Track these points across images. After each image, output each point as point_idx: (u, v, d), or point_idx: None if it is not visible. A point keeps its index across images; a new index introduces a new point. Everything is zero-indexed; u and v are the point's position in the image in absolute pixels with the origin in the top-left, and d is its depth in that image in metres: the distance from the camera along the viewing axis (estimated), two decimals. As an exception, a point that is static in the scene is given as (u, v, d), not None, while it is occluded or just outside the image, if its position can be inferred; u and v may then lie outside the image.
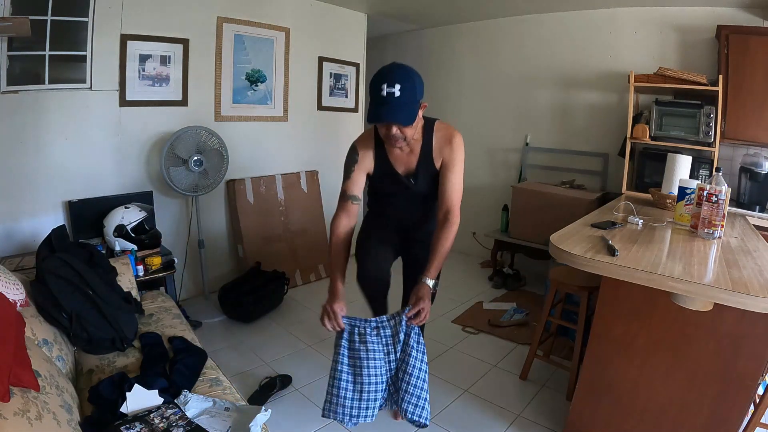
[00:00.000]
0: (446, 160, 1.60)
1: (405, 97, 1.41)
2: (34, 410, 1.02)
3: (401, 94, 1.40)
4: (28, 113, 2.36)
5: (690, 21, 3.09)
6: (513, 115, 4.05)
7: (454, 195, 1.60)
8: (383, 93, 1.40)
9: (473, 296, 3.41)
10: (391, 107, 1.41)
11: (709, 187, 1.72)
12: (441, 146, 1.61)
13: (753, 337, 1.43)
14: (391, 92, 1.39)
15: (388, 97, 1.39)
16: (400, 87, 1.39)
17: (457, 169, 1.60)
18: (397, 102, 1.40)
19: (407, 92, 1.41)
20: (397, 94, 1.39)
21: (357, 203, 1.67)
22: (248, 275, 3.07)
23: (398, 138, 1.50)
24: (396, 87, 1.39)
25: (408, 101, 1.42)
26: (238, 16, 3.12)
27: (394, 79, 1.40)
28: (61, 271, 1.61)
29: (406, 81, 1.41)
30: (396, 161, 1.66)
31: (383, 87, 1.40)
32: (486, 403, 2.15)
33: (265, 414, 1.31)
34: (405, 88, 1.41)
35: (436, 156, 1.62)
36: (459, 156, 1.60)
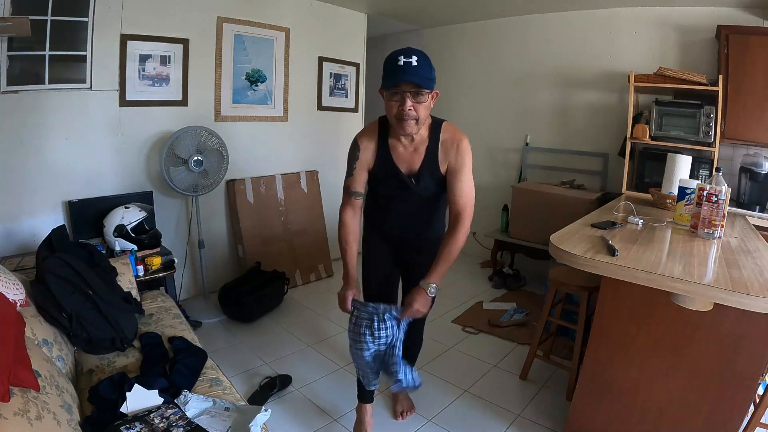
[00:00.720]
0: (453, 165, 1.54)
1: (422, 68, 1.38)
2: (34, 410, 1.02)
3: (418, 64, 1.37)
4: (28, 113, 2.36)
5: (690, 21, 3.09)
6: (513, 115, 4.05)
7: (464, 198, 1.54)
8: (400, 62, 1.36)
9: (473, 296, 3.41)
10: (409, 72, 1.36)
11: (709, 187, 1.72)
12: (447, 149, 1.54)
13: (753, 337, 1.43)
14: (408, 61, 1.36)
15: (405, 65, 1.36)
16: (417, 59, 1.37)
17: (466, 173, 1.54)
18: (415, 69, 1.36)
19: (424, 65, 1.39)
20: (414, 64, 1.36)
21: (360, 198, 1.67)
22: (248, 275, 3.07)
23: (410, 117, 1.42)
24: (413, 58, 1.36)
25: (425, 73, 1.39)
26: (238, 16, 3.12)
27: (410, 52, 1.38)
28: (61, 271, 1.61)
29: (422, 57, 1.39)
30: (399, 159, 1.59)
31: (400, 58, 1.36)
32: (486, 403, 2.15)
33: (265, 414, 1.31)
34: (422, 62, 1.38)
35: (441, 159, 1.55)
36: (467, 160, 1.54)
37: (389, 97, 1.43)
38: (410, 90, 1.39)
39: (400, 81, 1.38)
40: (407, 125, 1.44)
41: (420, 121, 1.45)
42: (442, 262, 1.52)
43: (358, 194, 1.65)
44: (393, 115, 1.45)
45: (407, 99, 1.40)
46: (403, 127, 1.44)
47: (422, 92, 1.40)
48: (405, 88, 1.39)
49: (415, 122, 1.44)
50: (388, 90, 1.42)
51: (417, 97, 1.41)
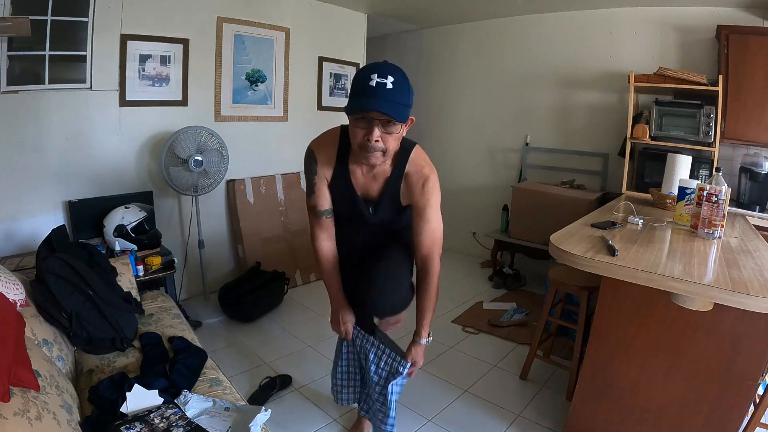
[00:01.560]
0: (417, 203, 1.38)
1: (398, 92, 1.17)
2: (34, 410, 1.02)
3: (394, 87, 1.15)
4: (28, 113, 2.36)
5: (690, 21, 3.09)
6: (513, 115, 4.05)
7: (430, 239, 1.41)
8: (372, 83, 1.14)
9: (473, 296, 3.41)
10: (382, 97, 1.15)
11: (709, 187, 1.72)
12: (411, 185, 1.37)
13: (753, 337, 1.43)
14: (382, 83, 1.14)
15: (378, 87, 1.14)
16: (393, 80, 1.15)
17: (433, 212, 1.39)
18: (389, 94, 1.15)
19: (400, 89, 1.17)
20: (390, 86, 1.15)
21: (330, 216, 1.50)
22: (248, 275, 3.07)
23: (377, 149, 1.23)
24: (388, 79, 1.15)
25: (400, 99, 1.18)
26: (238, 16, 3.12)
27: (386, 70, 1.17)
28: (61, 271, 1.61)
29: (399, 77, 1.18)
30: (357, 182, 1.41)
31: (372, 77, 1.15)
32: (486, 403, 2.15)
33: (265, 414, 1.31)
34: (398, 84, 1.16)
35: (403, 193, 1.39)
36: (434, 198, 1.38)
37: (354, 122, 1.23)
38: (380, 118, 1.19)
39: (369, 109, 1.16)
40: (372, 157, 1.25)
41: (388, 153, 1.27)
42: (427, 313, 1.50)
43: (326, 213, 1.48)
44: (357, 143, 1.26)
45: (375, 128, 1.20)
46: (366, 158, 1.26)
47: (394, 122, 1.21)
48: (374, 116, 1.19)
49: (382, 154, 1.26)
50: (353, 113, 1.21)
51: (387, 127, 1.21)
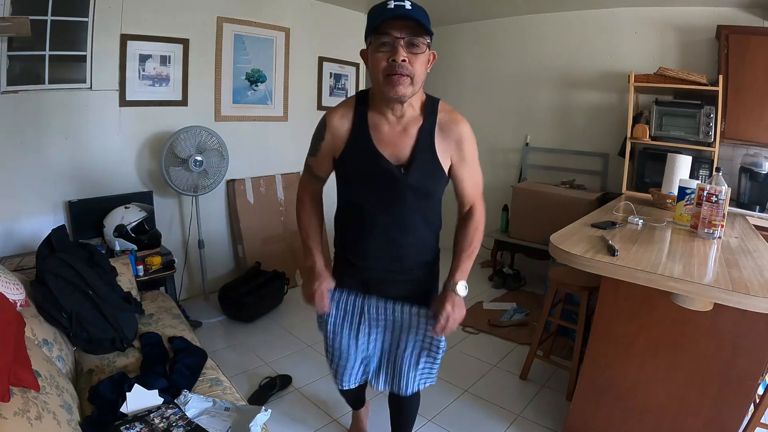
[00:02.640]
0: (458, 158, 1.22)
1: (418, 12, 1.07)
2: (34, 410, 1.02)
3: (413, 8, 1.06)
4: (28, 113, 2.36)
5: (690, 21, 3.09)
6: (513, 115, 4.05)
7: (477, 189, 1.29)
8: (390, 5, 1.05)
9: (473, 296, 3.41)
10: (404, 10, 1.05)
11: (709, 187, 1.72)
12: (446, 134, 1.20)
13: (753, 337, 1.43)
14: (401, 4, 1.05)
15: (396, 8, 1.04)
16: (410, 3, 1.06)
17: (474, 163, 1.26)
18: (410, 12, 1.05)
19: (420, 11, 1.08)
20: (409, 7, 1.05)
21: (321, 184, 1.37)
22: (248, 275, 3.07)
23: (404, 72, 1.07)
24: (407, 1, 1.06)
25: (423, 18, 1.07)
26: (238, 16, 3.12)
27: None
28: (61, 271, 1.61)
29: (417, 5, 1.09)
30: (381, 141, 1.18)
31: (390, 2, 1.06)
32: (486, 403, 2.15)
33: (265, 414, 1.31)
34: (417, 8, 1.07)
35: (440, 145, 1.19)
36: (473, 148, 1.25)
37: (375, 48, 1.09)
38: (404, 36, 1.06)
39: (392, 17, 1.04)
40: (400, 84, 1.07)
41: (415, 81, 1.10)
42: (466, 257, 1.26)
43: (320, 179, 1.34)
44: (380, 70, 1.09)
45: (400, 48, 1.06)
46: (393, 85, 1.08)
47: (419, 41, 1.07)
48: (397, 33, 1.06)
49: (410, 81, 1.09)
50: (375, 35, 1.07)
51: (412, 48, 1.07)
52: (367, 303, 1.32)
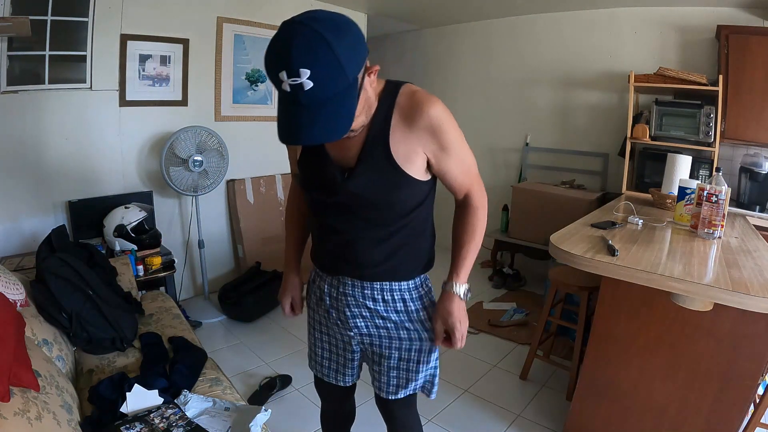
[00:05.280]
0: (436, 150, 0.95)
1: (324, 88, 0.74)
2: (34, 410, 1.02)
3: (316, 84, 0.73)
4: (28, 113, 2.36)
5: (690, 21, 3.09)
6: (513, 115, 4.05)
7: (469, 175, 1.04)
8: (285, 86, 0.75)
9: (473, 296, 3.41)
10: (304, 113, 0.77)
11: (709, 187, 1.72)
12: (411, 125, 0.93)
13: (753, 337, 1.43)
14: (296, 84, 0.73)
15: (294, 92, 0.74)
16: (310, 73, 0.72)
17: (459, 147, 0.98)
18: (312, 100, 0.75)
19: (326, 77, 0.74)
20: (309, 86, 0.73)
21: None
22: (248, 275, 3.07)
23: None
24: (303, 73, 0.72)
25: (331, 93, 0.76)
26: (238, 16, 3.12)
27: (295, 58, 0.72)
28: (61, 271, 1.61)
29: (317, 55, 0.72)
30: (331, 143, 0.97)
31: (282, 77, 0.74)
32: (486, 403, 2.15)
33: (265, 414, 1.31)
34: (320, 72, 0.73)
35: (402, 142, 0.93)
36: (453, 130, 0.96)
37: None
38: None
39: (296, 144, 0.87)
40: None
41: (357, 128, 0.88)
42: (466, 252, 1.05)
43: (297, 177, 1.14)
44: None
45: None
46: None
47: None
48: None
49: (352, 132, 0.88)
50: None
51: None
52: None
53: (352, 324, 1.11)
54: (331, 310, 1.13)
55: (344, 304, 1.10)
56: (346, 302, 1.10)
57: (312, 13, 0.76)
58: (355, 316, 1.10)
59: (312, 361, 1.30)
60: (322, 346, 1.25)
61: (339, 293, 1.10)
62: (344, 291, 1.09)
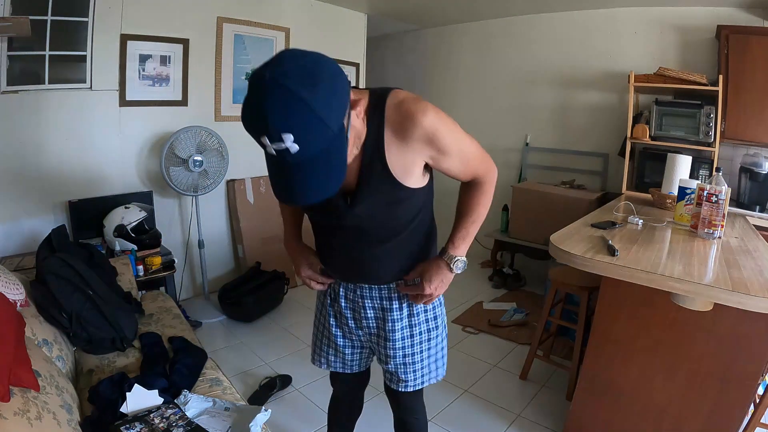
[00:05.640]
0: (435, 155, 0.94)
1: (310, 146, 0.72)
2: (34, 410, 1.02)
3: (301, 146, 0.71)
4: (28, 113, 2.36)
5: (690, 21, 3.09)
6: (513, 115, 4.05)
7: (473, 163, 1.05)
8: (270, 150, 0.73)
9: (473, 296, 3.41)
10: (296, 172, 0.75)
11: (709, 187, 1.72)
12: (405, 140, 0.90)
13: (753, 337, 1.43)
14: (282, 149, 0.71)
15: (280, 156, 0.72)
16: (293, 137, 0.69)
17: (460, 144, 0.98)
18: (300, 159, 0.73)
19: (310, 137, 0.71)
20: (295, 149, 0.71)
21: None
22: (248, 275, 3.07)
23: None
24: (286, 138, 0.69)
25: (319, 149, 0.73)
26: (238, 16, 3.12)
27: (273, 123, 0.69)
28: (61, 271, 1.61)
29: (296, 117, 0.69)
30: None
31: (264, 142, 0.72)
32: (486, 403, 2.15)
33: (265, 414, 1.31)
34: (303, 134, 0.70)
35: (399, 157, 0.92)
36: (450, 131, 0.94)
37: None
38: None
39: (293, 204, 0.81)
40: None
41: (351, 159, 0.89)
42: (468, 220, 1.05)
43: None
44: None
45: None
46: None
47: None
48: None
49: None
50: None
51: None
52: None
53: (365, 323, 1.18)
54: (346, 311, 1.19)
55: (360, 306, 1.16)
56: (362, 304, 1.15)
57: (280, 65, 0.71)
58: (368, 317, 1.16)
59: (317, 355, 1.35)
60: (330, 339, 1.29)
61: (356, 295, 1.16)
62: (361, 294, 1.14)
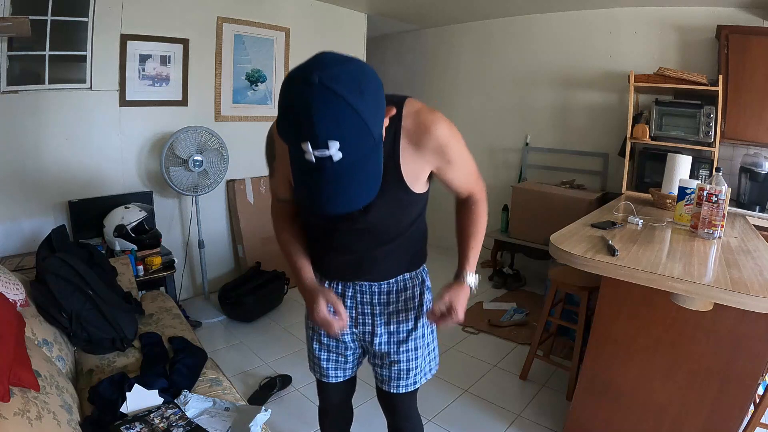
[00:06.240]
0: (443, 164, 0.97)
1: (352, 154, 0.69)
2: (34, 410, 1.02)
3: (345, 153, 0.68)
4: (28, 113, 2.36)
5: (690, 21, 3.09)
6: (513, 115, 4.05)
7: (471, 179, 1.07)
8: (309, 157, 0.68)
9: (473, 296, 3.39)
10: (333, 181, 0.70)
11: (709, 187, 1.72)
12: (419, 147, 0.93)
13: (753, 337, 1.43)
14: (324, 156, 0.67)
15: (320, 162, 0.68)
16: (339, 144, 0.66)
17: (464, 158, 1.00)
18: (340, 167, 0.69)
19: (355, 144, 0.68)
20: (338, 157, 0.67)
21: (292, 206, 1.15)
22: (248, 275, 3.07)
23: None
24: (332, 145, 0.66)
25: (359, 156, 0.70)
26: (238, 16, 3.12)
27: (321, 130, 0.65)
28: (61, 271, 1.61)
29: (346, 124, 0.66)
30: None
31: (306, 148, 0.67)
32: (486, 403, 2.15)
33: (265, 414, 1.31)
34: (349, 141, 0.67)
35: (411, 162, 0.94)
36: (458, 143, 0.96)
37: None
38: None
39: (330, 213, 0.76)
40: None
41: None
42: (473, 241, 1.11)
43: (286, 200, 1.13)
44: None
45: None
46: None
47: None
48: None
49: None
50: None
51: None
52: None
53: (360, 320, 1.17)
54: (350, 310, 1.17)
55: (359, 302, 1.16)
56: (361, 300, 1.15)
57: (328, 68, 0.67)
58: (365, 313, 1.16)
59: (312, 363, 1.31)
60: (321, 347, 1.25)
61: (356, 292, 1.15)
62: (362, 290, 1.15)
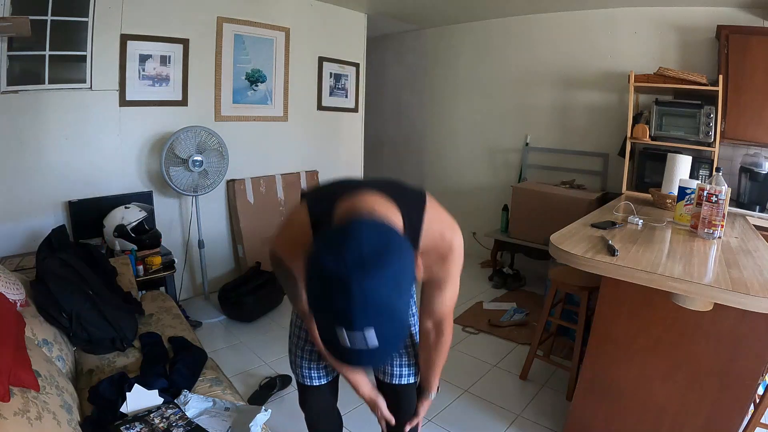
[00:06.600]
0: (437, 277, 0.99)
1: (390, 336, 0.69)
2: (34, 410, 1.02)
3: (381, 340, 0.66)
4: (28, 113, 2.36)
5: (690, 21, 3.09)
6: (513, 115, 4.05)
7: (450, 304, 1.08)
8: (346, 343, 0.66)
9: (473, 296, 3.41)
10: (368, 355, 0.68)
11: (709, 187, 1.72)
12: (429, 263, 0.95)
13: (753, 337, 1.43)
14: (362, 346, 0.66)
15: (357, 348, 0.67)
16: (376, 332, 0.65)
17: (453, 282, 1.01)
18: (379, 352, 0.68)
19: (389, 332, 0.68)
20: (375, 343, 0.66)
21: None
22: (248, 275, 3.07)
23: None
24: (369, 333, 0.65)
25: (397, 336, 0.72)
26: (238, 16, 3.12)
27: (359, 322, 0.64)
28: (61, 271, 1.61)
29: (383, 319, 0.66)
30: None
31: (343, 334, 0.66)
32: (486, 403, 2.15)
33: (265, 414, 1.31)
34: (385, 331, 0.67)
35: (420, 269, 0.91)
36: (456, 268, 0.99)
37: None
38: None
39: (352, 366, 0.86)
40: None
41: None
42: (439, 365, 1.22)
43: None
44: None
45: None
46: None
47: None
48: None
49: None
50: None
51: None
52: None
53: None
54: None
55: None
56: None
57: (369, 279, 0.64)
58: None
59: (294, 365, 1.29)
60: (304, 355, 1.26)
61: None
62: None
